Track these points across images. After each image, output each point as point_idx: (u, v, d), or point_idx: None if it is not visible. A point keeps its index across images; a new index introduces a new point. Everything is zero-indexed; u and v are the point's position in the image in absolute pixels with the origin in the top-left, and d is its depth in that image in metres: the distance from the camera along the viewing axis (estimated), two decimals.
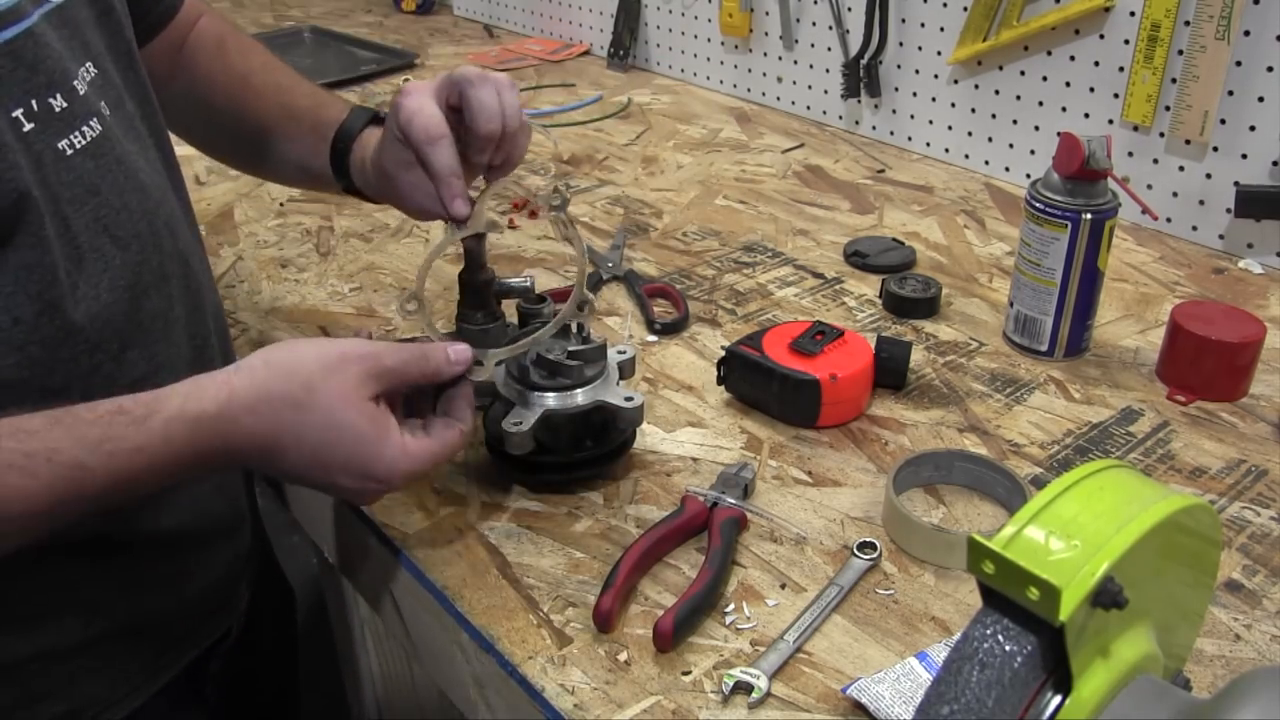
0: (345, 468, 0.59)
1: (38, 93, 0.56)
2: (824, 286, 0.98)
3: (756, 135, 1.36)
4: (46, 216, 0.56)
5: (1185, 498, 0.43)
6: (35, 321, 0.56)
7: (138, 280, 0.62)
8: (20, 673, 0.61)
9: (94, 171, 0.59)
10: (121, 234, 0.61)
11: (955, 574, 0.64)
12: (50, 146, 0.57)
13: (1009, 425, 0.78)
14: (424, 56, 1.68)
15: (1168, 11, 1.00)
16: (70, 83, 0.59)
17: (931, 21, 1.22)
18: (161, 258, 0.64)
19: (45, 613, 0.61)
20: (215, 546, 0.73)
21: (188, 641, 0.71)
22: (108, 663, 0.65)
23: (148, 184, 0.64)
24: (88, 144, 0.59)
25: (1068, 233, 0.81)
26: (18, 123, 0.55)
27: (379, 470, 0.59)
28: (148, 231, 0.63)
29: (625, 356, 0.73)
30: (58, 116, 0.57)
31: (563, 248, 1.06)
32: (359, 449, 0.58)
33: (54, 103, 0.57)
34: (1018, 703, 0.40)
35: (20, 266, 0.55)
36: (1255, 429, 0.78)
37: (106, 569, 0.64)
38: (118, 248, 0.60)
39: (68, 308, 0.57)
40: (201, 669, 0.73)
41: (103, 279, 0.59)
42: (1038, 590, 0.38)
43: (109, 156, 0.61)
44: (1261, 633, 0.60)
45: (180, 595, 0.69)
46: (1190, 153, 1.04)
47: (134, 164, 0.63)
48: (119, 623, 0.65)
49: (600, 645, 0.60)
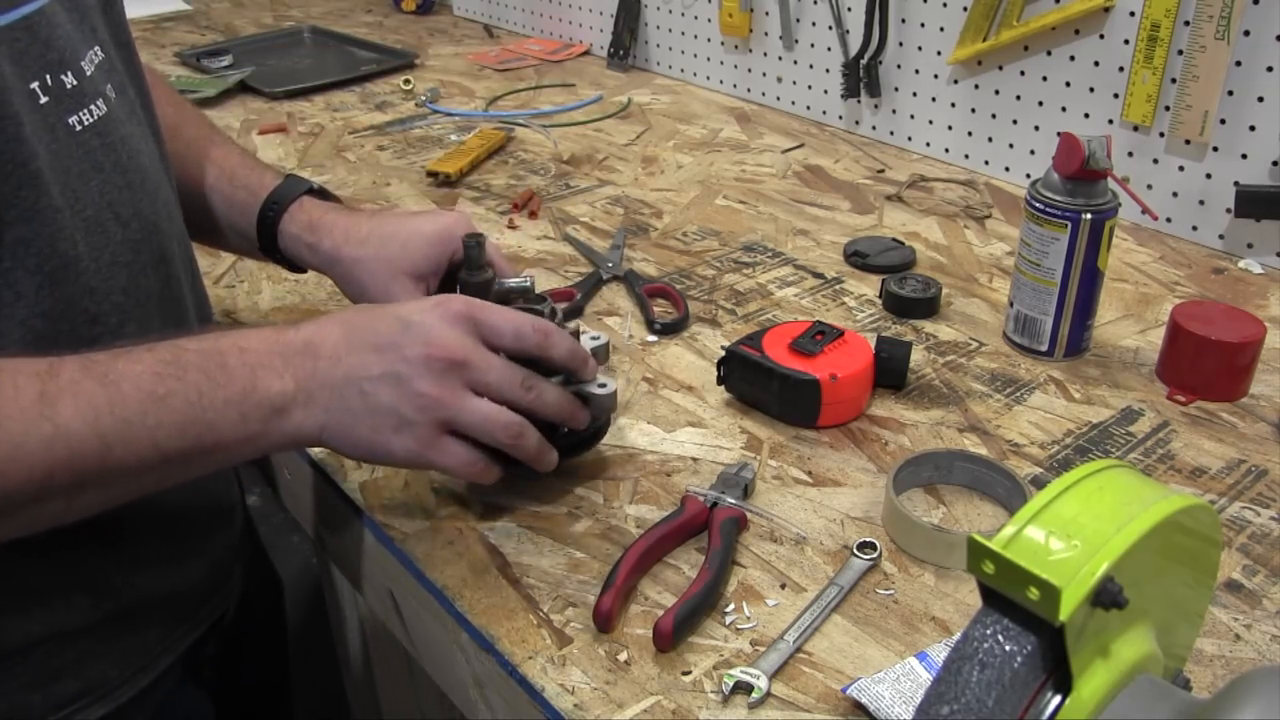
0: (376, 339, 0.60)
1: (51, 69, 0.58)
2: (824, 286, 0.98)
3: (756, 135, 1.36)
4: (54, 188, 0.57)
5: (1185, 498, 0.43)
6: (36, 295, 0.57)
7: (136, 257, 0.64)
8: (35, 652, 0.62)
9: (100, 149, 0.61)
10: (123, 212, 0.63)
11: (955, 574, 0.64)
12: (62, 121, 0.58)
13: (1009, 425, 0.78)
14: (424, 56, 1.68)
15: (1168, 11, 1.00)
16: (79, 63, 0.60)
17: (931, 21, 1.22)
18: (160, 238, 0.66)
19: (55, 592, 0.63)
20: (211, 529, 0.74)
21: (189, 623, 0.72)
22: (114, 643, 0.66)
23: (148, 167, 0.66)
24: (94, 122, 0.61)
25: (1068, 233, 0.81)
26: (34, 95, 0.56)
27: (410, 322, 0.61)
28: (149, 210, 0.65)
29: (598, 343, 0.73)
30: (68, 93, 0.59)
31: (563, 247, 1.06)
32: (390, 309, 0.62)
33: (65, 79, 0.59)
34: (1018, 703, 0.40)
35: (18, 241, 0.56)
36: (1255, 429, 0.78)
37: (113, 548, 0.65)
38: (119, 224, 0.62)
39: (69, 280, 0.59)
40: (199, 652, 0.74)
41: (104, 253, 0.61)
42: (1038, 590, 0.38)
43: (114, 136, 0.62)
44: (1261, 633, 0.60)
45: (181, 576, 0.71)
46: (1190, 153, 1.04)
47: (136, 146, 0.65)
48: (125, 603, 0.66)
49: (600, 645, 0.60)
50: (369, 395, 0.60)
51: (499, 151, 1.31)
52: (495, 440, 0.63)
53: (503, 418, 0.62)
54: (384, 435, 0.60)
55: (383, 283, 0.77)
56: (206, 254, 1.03)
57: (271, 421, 0.58)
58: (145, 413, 0.54)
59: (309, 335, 0.61)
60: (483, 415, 0.62)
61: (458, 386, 0.61)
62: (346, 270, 0.78)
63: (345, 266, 0.78)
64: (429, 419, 0.61)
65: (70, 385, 0.53)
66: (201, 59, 1.62)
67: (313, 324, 0.62)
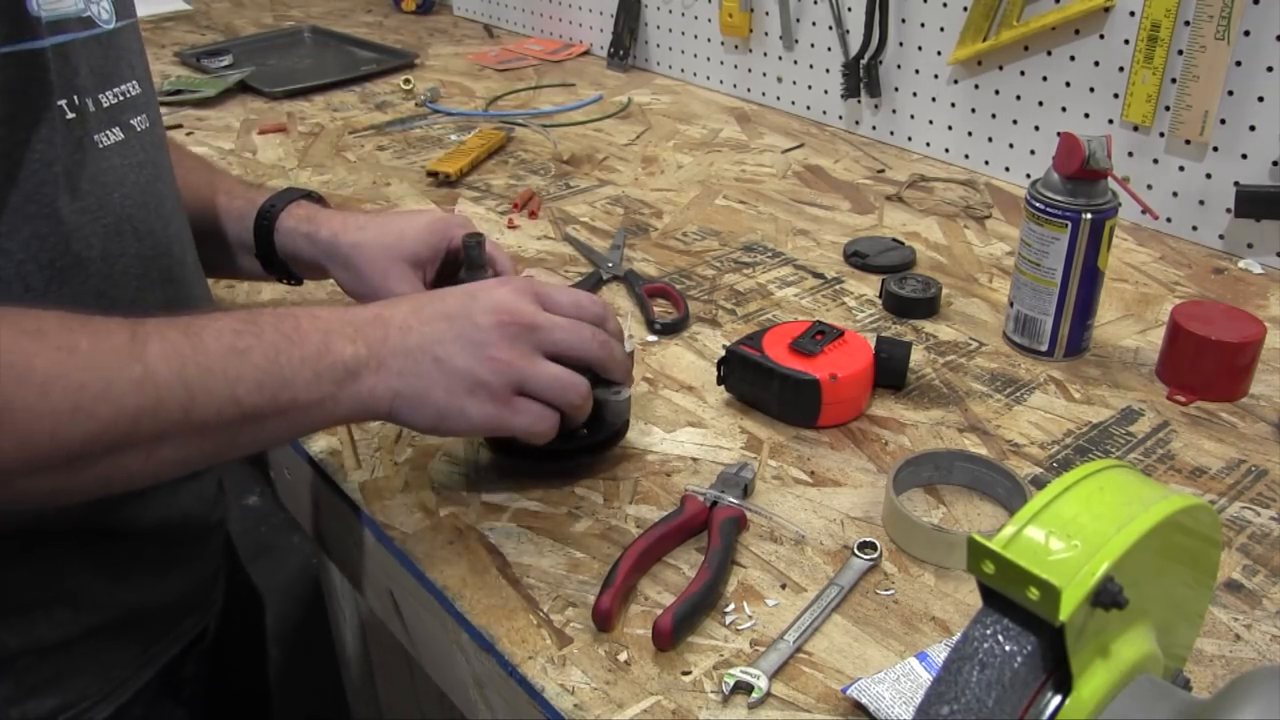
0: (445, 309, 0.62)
1: (78, 92, 0.59)
2: (824, 286, 0.98)
3: (756, 135, 1.36)
4: (71, 193, 0.58)
5: (1185, 498, 0.43)
6: (45, 289, 0.58)
7: (146, 272, 0.64)
8: (13, 666, 0.62)
9: (123, 167, 0.62)
10: (140, 227, 0.64)
11: (955, 574, 0.64)
12: (88, 136, 0.59)
13: (1009, 425, 0.78)
14: (424, 56, 1.68)
15: (1168, 11, 1.00)
16: (123, 84, 0.63)
17: (931, 21, 1.22)
18: (171, 261, 0.67)
19: (36, 604, 0.62)
20: (192, 544, 0.74)
21: (169, 638, 0.72)
22: (94, 658, 0.66)
23: (165, 194, 0.67)
24: (116, 143, 0.62)
25: (1068, 233, 0.81)
26: (62, 110, 0.57)
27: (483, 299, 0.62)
28: (162, 233, 0.66)
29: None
30: (92, 115, 0.60)
31: (563, 247, 1.06)
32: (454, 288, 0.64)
33: (89, 102, 0.60)
34: (1018, 703, 0.40)
35: (34, 236, 0.57)
36: (1255, 429, 0.78)
37: (94, 560, 0.65)
38: (136, 238, 0.63)
39: (78, 280, 0.59)
40: (179, 668, 0.74)
41: (118, 261, 0.62)
42: (1038, 590, 0.38)
43: (138, 159, 0.64)
44: (1261, 633, 0.60)
45: (163, 589, 0.71)
46: (1190, 153, 1.04)
47: (157, 173, 0.66)
48: (106, 616, 0.66)
49: (600, 645, 0.60)
50: (443, 360, 0.61)
51: (499, 151, 1.31)
52: (565, 399, 0.64)
53: (572, 378, 0.64)
54: (459, 398, 0.61)
55: (381, 268, 0.77)
56: None
57: (345, 384, 0.59)
58: (227, 365, 0.54)
59: (377, 310, 0.62)
60: (553, 375, 0.63)
61: (529, 349, 0.62)
62: (345, 255, 0.78)
63: (344, 252, 0.78)
64: (503, 381, 0.62)
65: (157, 331, 0.53)
66: (201, 59, 1.62)
67: (379, 303, 0.63)
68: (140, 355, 0.52)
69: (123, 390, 0.51)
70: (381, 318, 0.61)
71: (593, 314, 0.66)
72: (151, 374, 0.52)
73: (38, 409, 0.49)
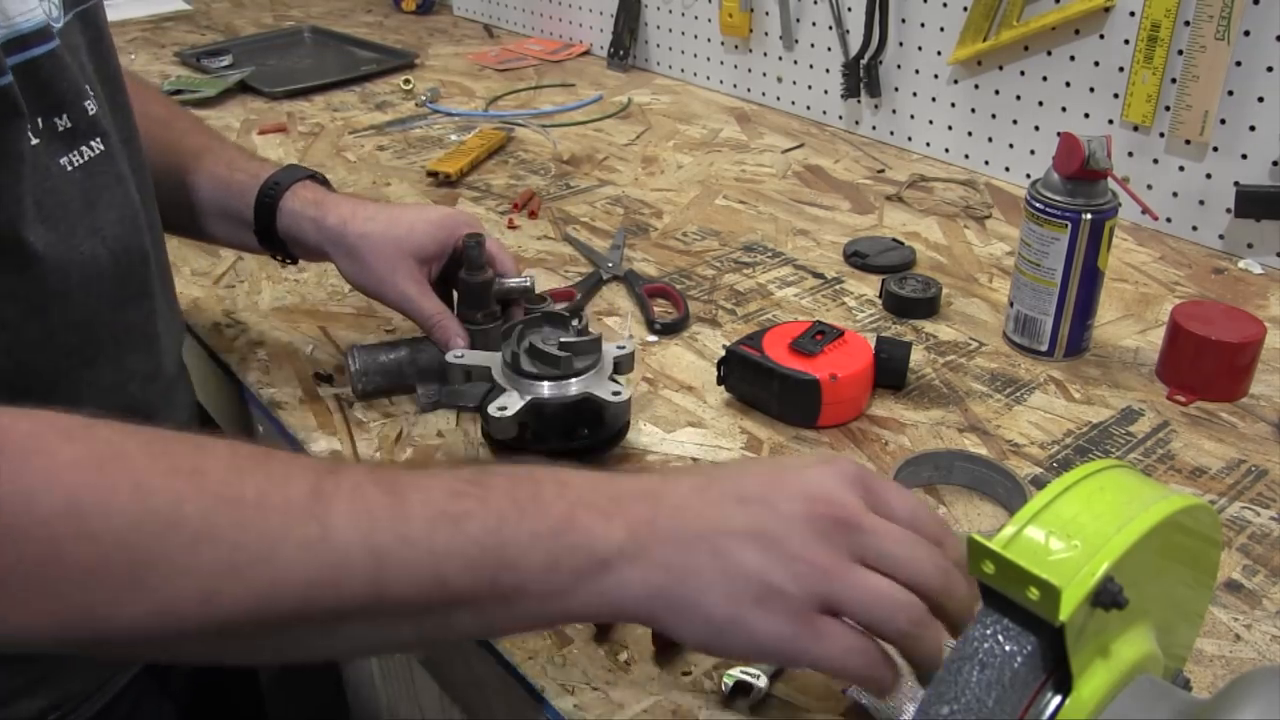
0: (740, 490, 0.48)
1: (44, 113, 0.57)
2: (824, 286, 0.98)
3: (756, 135, 1.36)
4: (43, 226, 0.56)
5: (1185, 498, 0.43)
6: (21, 324, 0.57)
7: (123, 291, 0.63)
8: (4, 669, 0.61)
9: (93, 189, 0.61)
10: (115, 246, 0.62)
11: None
12: (54, 161, 0.58)
13: (1009, 425, 0.78)
14: (424, 56, 1.68)
15: (1168, 11, 1.00)
16: (82, 103, 0.60)
17: (931, 21, 1.22)
18: (146, 271, 0.66)
19: None
20: None
21: None
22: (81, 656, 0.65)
23: (137, 204, 0.66)
24: (86, 162, 0.60)
25: (1068, 233, 0.81)
26: (27, 137, 0.56)
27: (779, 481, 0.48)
28: (137, 244, 0.65)
29: (624, 352, 0.74)
30: (59, 135, 0.58)
31: (563, 247, 1.06)
32: (761, 461, 0.54)
33: (58, 122, 0.58)
34: (1018, 703, 0.40)
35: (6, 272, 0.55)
36: (1255, 429, 0.78)
37: None
38: (112, 259, 0.62)
39: (54, 314, 0.58)
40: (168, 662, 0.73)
41: (94, 288, 0.60)
42: (1038, 590, 0.38)
43: (108, 175, 0.62)
44: (1261, 633, 0.60)
45: None
46: (1190, 153, 1.04)
47: (128, 184, 0.65)
48: None
49: (600, 645, 0.60)
50: (726, 555, 0.46)
51: (499, 151, 1.31)
52: (890, 626, 0.46)
53: (902, 596, 0.46)
54: (743, 608, 0.45)
55: (387, 261, 0.76)
56: (206, 254, 1.03)
57: (586, 576, 0.45)
58: (433, 534, 0.44)
59: (649, 481, 0.49)
60: (876, 592, 0.46)
61: (845, 554, 0.46)
62: (352, 246, 0.77)
63: (351, 242, 0.77)
64: (806, 591, 0.45)
65: (351, 484, 0.45)
66: (201, 59, 1.62)
67: (654, 473, 0.53)
68: (321, 514, 0.43)
69: (291, 555, 0.43)
70: (652, 492, 0.48)
71: (932, 530, 0.49)
72: (331, 538, 0.43)
73: (184, 566, 0.42)
